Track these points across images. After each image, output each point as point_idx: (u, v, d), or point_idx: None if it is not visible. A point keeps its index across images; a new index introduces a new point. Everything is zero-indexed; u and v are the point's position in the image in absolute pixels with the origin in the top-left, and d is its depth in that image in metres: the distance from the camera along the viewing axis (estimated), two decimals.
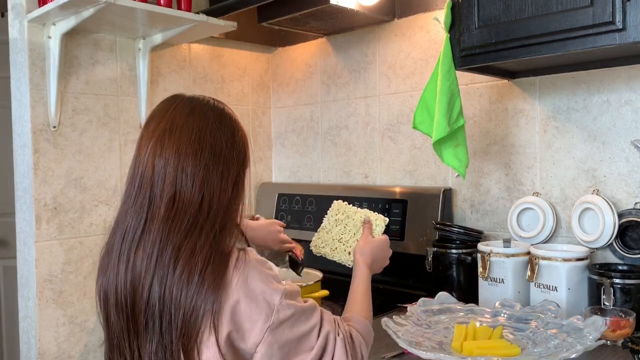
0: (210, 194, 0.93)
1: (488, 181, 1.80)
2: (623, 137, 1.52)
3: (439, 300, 1.46)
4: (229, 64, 2.32)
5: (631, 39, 1.19)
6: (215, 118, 0.98)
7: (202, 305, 0.87)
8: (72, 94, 1.83)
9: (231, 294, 0.89)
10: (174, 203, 0.92)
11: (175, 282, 0.89)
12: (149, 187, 0.94)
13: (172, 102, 1.00)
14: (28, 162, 1.76)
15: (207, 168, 0.94)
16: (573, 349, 1.12)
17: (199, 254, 0.89)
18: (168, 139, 0.94)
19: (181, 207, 0.92)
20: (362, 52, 2.14)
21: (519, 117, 1.72)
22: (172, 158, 0.93)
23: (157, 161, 0.94)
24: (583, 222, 1.54)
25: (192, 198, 0.92)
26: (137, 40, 1.97)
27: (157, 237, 0.91)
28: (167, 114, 0.98)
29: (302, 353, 0.94)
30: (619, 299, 1.34)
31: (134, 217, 0.94)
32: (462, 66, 1.49)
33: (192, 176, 0.93)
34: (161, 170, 0.93)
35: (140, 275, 0.92)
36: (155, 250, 0.91)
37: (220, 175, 0.95)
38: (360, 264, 1.21)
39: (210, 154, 0.94)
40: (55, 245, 1.79)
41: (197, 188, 0.92)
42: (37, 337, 1.76)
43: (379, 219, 1.34)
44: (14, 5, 1.79)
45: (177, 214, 0.92)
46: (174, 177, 0.92)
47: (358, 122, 2.17)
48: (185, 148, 0.93)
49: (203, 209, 0.92)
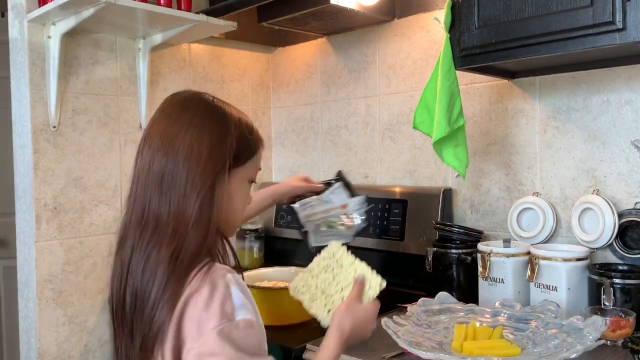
0: (185, 199, 0.90)
1: (488, 181, 1.80)
2: (623, 137, 1.52)
3: (439, 300, 1.46)
4: (229, 64, 2.32)
5: (631, 38, 1.19)
6: (196, 122, 0.94)
7: (160, 314, 0.86)
8: (72, 94, 1.83)
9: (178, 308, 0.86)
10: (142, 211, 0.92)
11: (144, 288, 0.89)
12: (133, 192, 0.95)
13: (167, 102, 0.99)
14: (28, 162, 1.76)
15: (180, 174, 0.91)
16: (573, 349, 1.12)
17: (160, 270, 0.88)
18: (148, 144, 0.94)
19: (150, 217, 0.91)
20: (362, 52, 2.14)
21: (519, 117, 1.72)
22: (148, 165, 0.93)
23: (140, 163, 0.95)
24: (583, 222, 1.54)
25: (161, 205, 0.91)
26: (137, 40, 1.97)
27: (132, 242, 0.93)
28: (153, 117, 0.98)
29: None
30: (619, 299, 1.34)
31: (124, 224, 0.96)
32: (462, 66, 1.49)
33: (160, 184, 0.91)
34: (141, 174, 0.94)
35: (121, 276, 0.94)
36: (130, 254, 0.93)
37: (197, 179, 0.91)
38: (333, 335, 1.05)
39: (185, 158, 0.91)
40: (55, 245, 1.79)
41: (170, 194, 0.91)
42: (37, 337, 1.76)
43: (374, 280, 1.15)
44: (14, 5, 1.79)
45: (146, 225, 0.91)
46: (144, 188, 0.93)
47: (358, 122, 2.17)
48: (161, 155, 0.92)
49: (179, 215, 0.90)
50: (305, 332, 1.48)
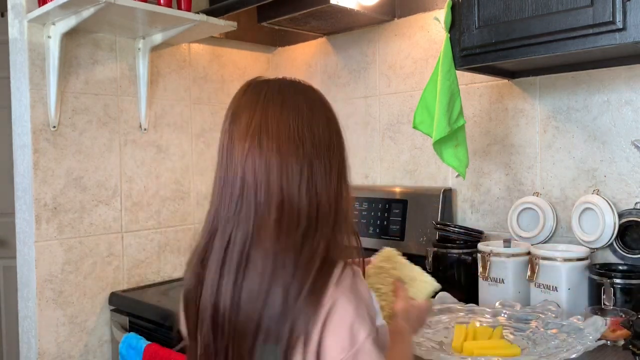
0: (318, 192, 0.84)
1: (488, 181, 1.80)
2: (623, 137, 1.52)
3: (439, 300, 1.46)
4: (229, 64, 2.32)
5: (631, 38, 1.19)
6: (308, 106, 0.88)
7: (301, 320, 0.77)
8: (72, 94, 1.83)
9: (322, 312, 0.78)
10: (282, 210, 0.82)
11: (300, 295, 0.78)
12: (253, 193, 0.83)
13: (258, 91, 0.90)
14: (28, 162, 1.76)
15: (312, 165, 0.84)
16: (573, 349, 1.12)
17: (313, 263, 0.80)
18: (266, 137, 0.84)
19: (291, 213, 0.82)
20: (362, 52, 2.14)
21: (519, 117, 1.72)
22: (274, 159, 0.83)
23: (259, 164, 0.83)
24: (583, 222, 1.54)
25: (300, 201, 0.83)
26: (137, 40, 1.97)
27: (270, 250, 0.81)
28: (257, 108, 0.87)
29: None
30: (619, 299, 1.34)
31: (239, 228, 0.83)
32: (462, 66, 1.49)
33: (298, 177, 0.83)
34: (263, 174, 0.83)
35: (252, 295, 0.81)
36: (268, 266, 0.80)
37: (324, 170, 0.86)
38: (406, 331, 0.99)
39: (312, 148, 0.85)
40: (55, 245, 1.79)
41: (304, 189, 0.83)
42: (37, 337, 1.76)
43: (427, 281, 1.15)
44: (14, 5, 1.79)
45: (290, 222, 0.82)
46: (280, 181, 0.83)
47: (358, 122, 2.17)
48: (287, 146, 0.83)
49: (312, 211, 0.83)
50: None
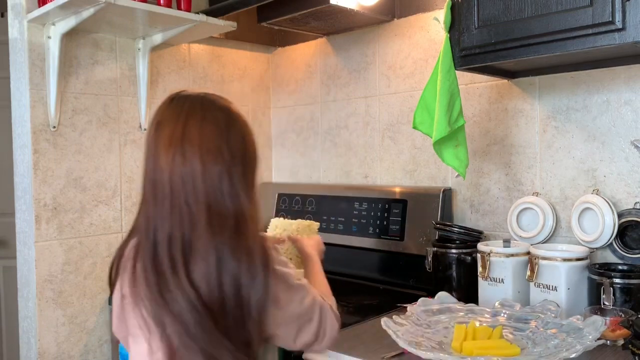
0: (239, 195, 0.98)
1: (488, 181, 1.80)
2: (623, 137, 1.52)
3: (439, 300, 1.46)
4: (228, 64, 2.32)
5: (631, 38, 1.19)
6: (225, 122, 1.01)
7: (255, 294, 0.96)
8: (71, 94, 1.83)
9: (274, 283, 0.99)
10: (210, 211, 0.95)
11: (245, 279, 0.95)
12: (182, 196, 0.95)
13: (181, 104, 1.01)
14: (28, 162, 1.76)
15: (230, 172, 0.98)
16: (573, 348, 1.12)
17: (247, 254, 0.96)
18: (189, 147, 0.96)
19: (219, 214, 0.96)
20: (362, 52, 2.14)
21: (519, 117, 1.72)
22: (198, 167, 0.95)
23: (184, 170, 0.95)
24: (583, 222, 1.54)
25: (225, 203, 0.96)
26: (137, 40, 1.97)
27: (209, 243, 0.95)
28: (179, 119, 0.98)
29: (308, 323, 1.07)
30: (619, 299, 1.34)
31: (178, 227, 0.95)
32: (461, 66, 1.49)
33: (219, 182, 0.96)
34: (189, 179, 0.95)
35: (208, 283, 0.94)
36: (212, 255, 0.94)
37: (242, 176, 1.00)
38: (314, 255, 1.34)
39: (230, 157, 0.98)
40: (55, 245, 1.79)
41: (227, 192, 0.97)
42: (37, 337, 1.76)
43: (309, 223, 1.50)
44: (13, 5, 1.79)
45: (217, 220, 0.96)
46: (205, 186, 0.96)
47: (358, 122, 2.17)
48: (208, 156, 0.96)
49: (238, 211, 0.97)
50: None
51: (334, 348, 1.31)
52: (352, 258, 2.03)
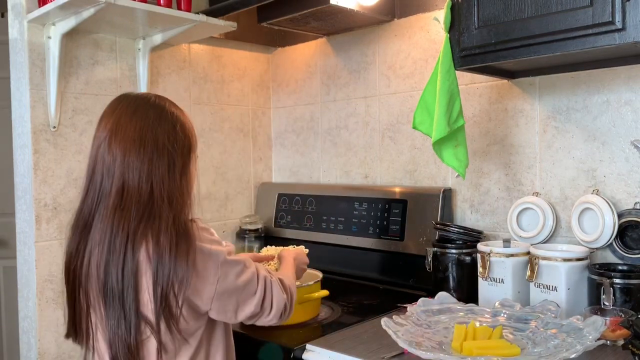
0: (160, 183, 1.07)
1: (488, 181, 1.80)
2: (623, 137, 1.52)
3: (439, 300, 1.46)
4: (228, 64, 2.32)
5: (631, 38, 1.19)
6: (155, 116, 1.12)
7: (176, 278, 1.02)
8: (72, 94, 1.83)
9: (192, 261, 1.04)
10: (122, 194, 1.06)
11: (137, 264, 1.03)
12: (100, 180, 1.09)
13: (118, 102, 1.15)
14: (28, 162, 1.76)
15: (152, 161, 1.07)
16: (573, 349, 1.12)
17: (164, 235, 1.03)
18: (114, 137, 1.08)
19: (130, 198, 1.06)
20: (362, 52, 2.14)
21: (519, 117, 1.72)
22: (119, 155, 1.07)
23: (107, 157, 1.08)
24: (583, 222, 1.54)
25: (140, 189, 1.06)
26: (137, 41, 1.97)
27: (108, 225, 1.05)
28: (114, 114, 1.12)
29: (249, 296, 1.13)
30: (619, 299, 1.34)
31: (88, 206, 1.10)
32: (461, 66, 1.49)
33: (137, 170, 1.07)
34: (110, 165, 1.08)
35: (95, 259, 1.07)
36: (106, 238, 1.05)
37: (166, 167, 1.09)
38: (287, 258, 1.42)
39: (154, 148, 1.08)
40: (55, 245, 1.79)
41: (144, 180, 1.06)
42: (37, 337, 1.76)
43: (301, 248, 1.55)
44: (14, 5, 1.79)
45: (127, 204, 1.06)
46: (121, 172, 1.07)
47: (358, 122, 2.17)
48: (130, 145, 1.07)
49: (155, 197, 1.06)
50: (305, 332, 1.48)
51: (334, 348, 1.31)
52: (352, 258, 2.03)
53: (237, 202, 2.36)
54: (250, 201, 2.42)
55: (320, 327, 1.53)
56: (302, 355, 1.34)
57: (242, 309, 1.13)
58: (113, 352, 1.07)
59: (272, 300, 1.17)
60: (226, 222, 2.32)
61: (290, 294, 1.22)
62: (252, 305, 1.14)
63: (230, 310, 1.12)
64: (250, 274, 1.14)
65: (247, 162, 2.41)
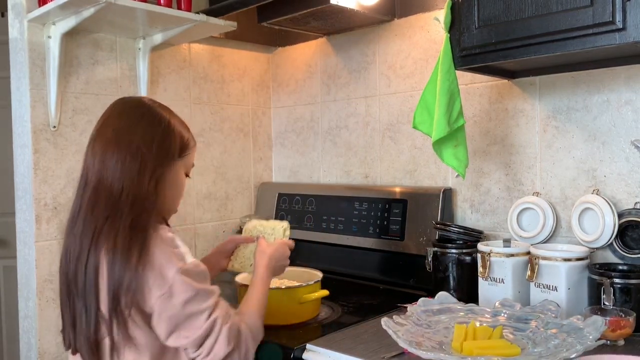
0: (129, 185, 1.09)
1: (488, 181, 1.80)
2: (623, 137, 1.52)
3: (439, 300, 1.46)
4: (229, 64, 2.32)
5: (631, 38, 1.19)
6: (137, 118, 1.16)
7: (126, 277, 1.03)
8: (72, 94, 1.83)
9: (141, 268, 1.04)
10: (97, 193, 1.10)
11: (98, 261, 1.06)
12: (85, 178, 1.14)
13: (112, 105, 1.20)
14: (28, 162, 1.76)
15: (124, 162, 1.10)
16: (573, 348, 1.12)
17: (120, 237, 1.05)
18: (98, 138, 1.15)
19: (102, 196, 1.09)
20: (362, 52, 2.14)
21: (519, 117, 1.72)
22: (99, 154, 1.12)
23: (89, 157, 1.14)
24: (583, 222, 1.54)
25: (112, 188, 1.09)
26: (137, 40, 1.97)
27: (82, 222, 1.10)
28: (104, 116, 1.18)
29: (189, 329, 1.07)
30: (619, 299, 1.34)
31: (75, 202, 1.15)
32: (462, 66, 1.49)
33: (112, 169, 1.10)
34: (91, 165, 1.13)
35: (74, 251, 1.10)
36: (78, 234, 1.09)
37: (137, 169, 1.11)
38: (260, 266, 1.33)
39: (128, 149, 1.11)
40: (55, 245, 1.79)
41: (116, 179, 1.09)
42: (37, 337, 1.76)
43: (276, 226, 1.48)
44: (14, 5, 1.79)
45: (99, 202, 1.09)
46: (99, 170, 1.11)
47: (358, 122, 2.17)
48: (107, 145, 1.12)
49: (123, 197, 1.08)
50: (305, 332, 1.48)
51: (335, 348, 1.31)
52: (352, 258, 2.03)
53: (237, 202, 2.36)
54: (251, 201, 2.42)
55: (320, 327, 1.53)
56: (302, 355, 1.34)
57: (176, 337, 1.07)
58: (77, 347, 1.10)
59: (214, 346, 1.08)
60: (226, 222, 2.32)
61: (240, 346, 1.12)
62: (188, 339, 1.07)
63: (162, 333, 1.07)
64: (202, 307, 1.07)
65: (247, 162, 2.41)
